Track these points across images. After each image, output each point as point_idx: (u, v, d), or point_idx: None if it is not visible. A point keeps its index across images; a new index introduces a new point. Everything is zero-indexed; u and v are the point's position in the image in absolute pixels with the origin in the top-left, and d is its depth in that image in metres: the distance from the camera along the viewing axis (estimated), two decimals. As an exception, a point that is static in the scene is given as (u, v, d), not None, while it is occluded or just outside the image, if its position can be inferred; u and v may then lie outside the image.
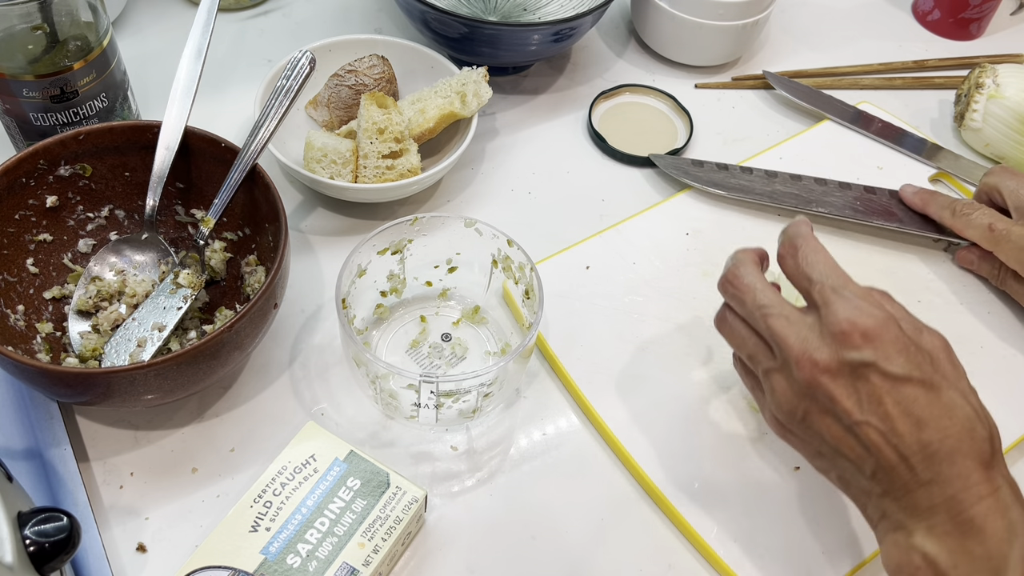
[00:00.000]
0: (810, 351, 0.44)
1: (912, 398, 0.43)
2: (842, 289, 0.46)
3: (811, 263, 0.48)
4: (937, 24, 0.93)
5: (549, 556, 0.55)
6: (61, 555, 0.44)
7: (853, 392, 0.44)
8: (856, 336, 0.44)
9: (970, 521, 0.42)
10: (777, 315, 0.47)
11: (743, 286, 0.49)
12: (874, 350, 0.43)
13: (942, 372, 0.45)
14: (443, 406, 0.56)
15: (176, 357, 0.50)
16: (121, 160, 0.62)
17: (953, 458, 0.43)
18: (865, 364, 0.43)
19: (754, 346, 0.49)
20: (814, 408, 0.45)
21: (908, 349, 0.44)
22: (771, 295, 0.48)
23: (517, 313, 0.64)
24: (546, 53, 0.81)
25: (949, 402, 0.44)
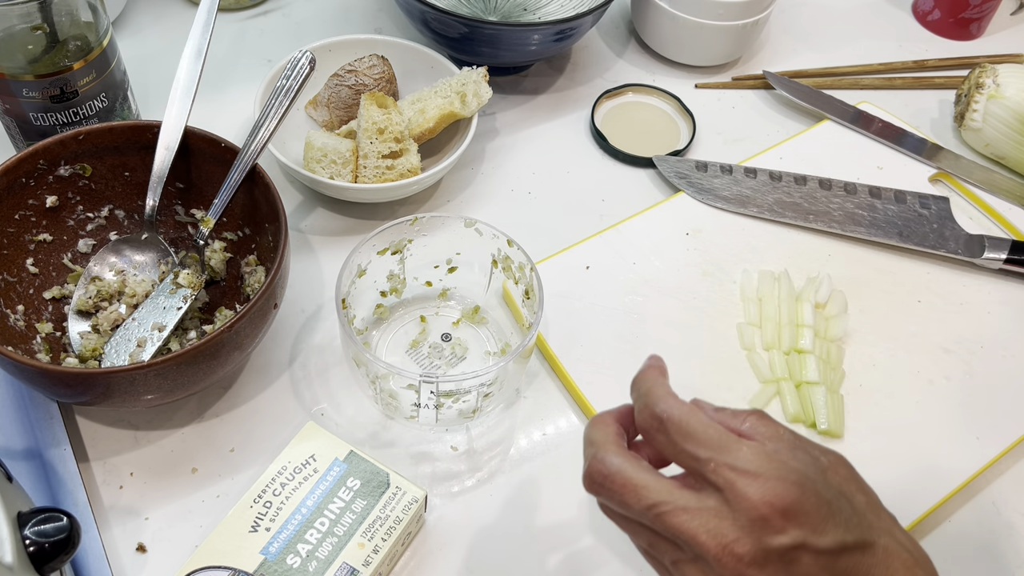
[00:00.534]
0: (730, 545, 0.37)
1: (852, 567, 0.38)
2: (738, 460, 0.38)
3: (690, 436, 0.39)
4: (937, 24, 0.93)
5: (549, 556, 0.55)
6: (61, 555, 0.44)
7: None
8: (777, 518, 0.37)
9: None
10: (674, 511, 0.38)
11: (619, 486, 0.39)
12: (800, 528, 0.37)
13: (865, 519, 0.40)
14: (443, 406, 0.56)
15: (176, 357, 0.50)
16: (121, 160, 0.62)
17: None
18: (795, 546, 0.37)
19: (652, 538, 0.41)
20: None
21: (834, 512, 0.38)
22: (657, 488, 0.39)
23: (517, 313, 0.64)
24: (546, 53, 0.81)
25: (885, 555, 0.39)
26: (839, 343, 0.65)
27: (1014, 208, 0.76)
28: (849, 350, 0.65)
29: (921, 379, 0.64)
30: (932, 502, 0.58)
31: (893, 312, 0.68)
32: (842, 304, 0.67)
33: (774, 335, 0.65)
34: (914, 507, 0.57)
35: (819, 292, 0.67)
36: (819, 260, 0.71)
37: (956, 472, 0.59)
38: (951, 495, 0.58)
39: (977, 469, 0.59)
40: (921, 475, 0.59)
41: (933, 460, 0.60)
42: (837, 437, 0.60)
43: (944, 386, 0.64)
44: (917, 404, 0.63)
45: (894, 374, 0.64)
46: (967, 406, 0.63)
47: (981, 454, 0.60)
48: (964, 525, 0.59)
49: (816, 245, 0.72)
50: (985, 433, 0.61)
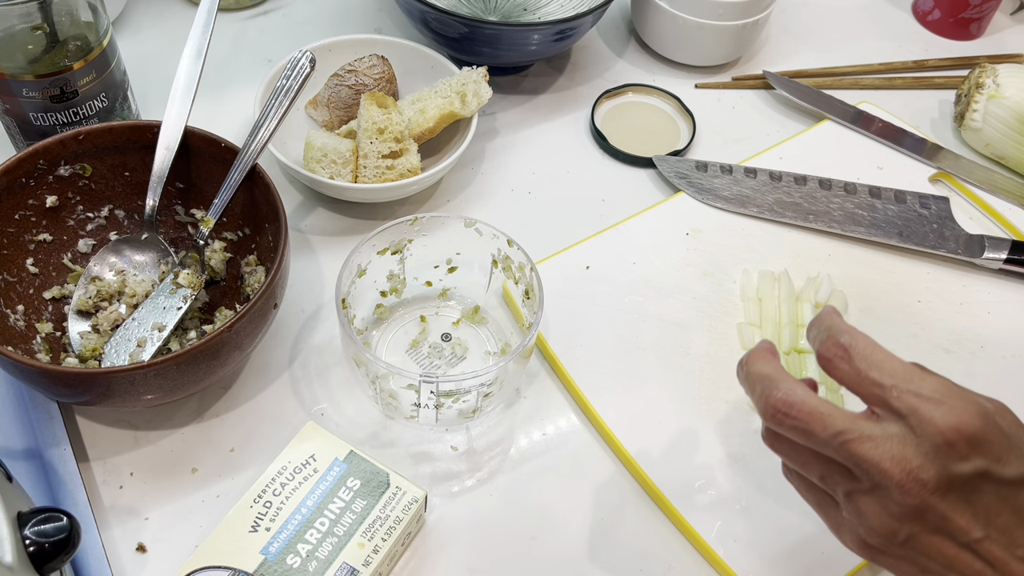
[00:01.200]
0: (915, 471, 0.38)
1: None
2: (922, 388, 0.39)
3: (875, 364, 0.40)
4: (937, 24, 0.93)
5: (549, 556, 0.55)
6: (61, 555, 0.44)
7: (968, 507, 0.38)
8: (963, 445, 0.37)
9: None
10: (859, 438, 0.39)
11: (805, 415, 0.40)
12: (984, 456, 0.38)
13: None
14: (443, 406, 0.56)
15: (176, 357, 0.50)
16: (121, 160, 0.62)
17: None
18: (978, 474, 0.38)
19: (825, 469, 0.41)
20: (921, 529, 0.39)
21: (1012, 443, 0.38)
22: (841, 416, 0.39)
23: (517, 313, 0.64)
24: (546, 53, 0.81)
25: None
26: (839, 343, 0.65)
27: (1014, 208, 0.76)
28: (849, 350, 0.65)
29: (921, 379, 0.64)
30: (932, 502, 0.58)
31: (893, 312, 0.68)
32: (842, 304, 0.67)
33: (774, 335, 0.65)
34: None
35: (819, 292, 0.67)
36: (819, 260, 0.71)
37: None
38: (951, 495, 0.58)
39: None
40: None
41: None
42: (837, 437, 0.60)
43: (944, 386, 0.64)
44: (917, 404, 0.63)
45: (894, 374, 0.64)
46: (967, 406, 0.63)
47: (981, 454, 0.60)
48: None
49: (816, 245, 0.72)
50: (985, 433, 0.61)
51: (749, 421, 0.61)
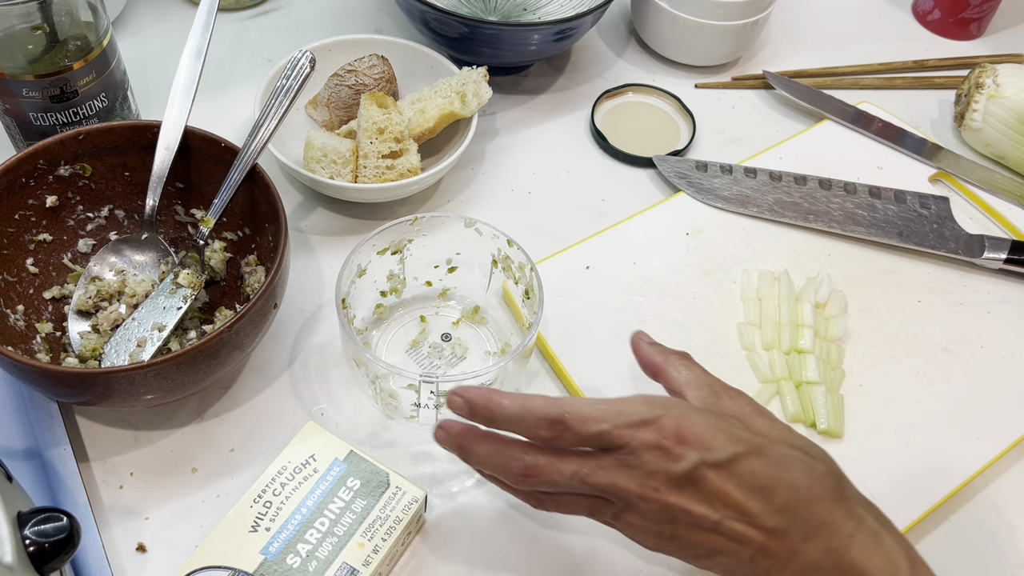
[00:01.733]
0: (647, 483, 0.43)
1: (749, 473, 0.43)
2: (632, 418, 0.44)
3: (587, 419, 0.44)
4: (937, 24, 0.93)
5: (549, 556, 0.55)
6: (61, 555, 0.44)
7: (700, 497, 0.43)
8: (673, 447, 0.43)
9: (851, 566, 0.42)
10: (592, 471, 0.44)
11: (542, 471, 0.45)
12: (694, 449, 0.43)
13: (757, 430, 0.45)
14: (443, 406, 0.56)
15: (176, 357, 0.50)
16: (121, 160, 0.62)
17: (811, 508, 0.43)
18: (694, 467, 0.43)
19: (591, 506, 0.46)
20: (677, 526, 0.45)
21: (720, 428, 0.44)
22: (574, 461, 0.44)
23: (517, 313, 0.64)
24: (546, 53, 0.81)
25: (780, 457, 0.44)
26: (839, 343, 0.65)
27: (1014, 208, 0.76)
28: (849, 350, 0.65)
29: (921, 379, 0.64)
30: (932, 502, 0.58)
31: (893, 312, 0.68)
32: (842, 304, 0.67)
33: (774, 335, 0.65)
34: (914, 507, 0.57)
35: (819, 292, 0.67)
36: (819, 260, 0.71)
37: (956, 472, 0.59)
38: (951, 495, 0.58)
39: (977, 469, 0.59)
40: (921, 475, 0.59)
41: (933, 460, 0.60)
42: (837, 437, 0.60)
43: (944, 386, 0.64)
44: (917, 404, 0.63)
45: (894, 374, 0.64)
46: (967, 406, 0.63)
47: (981, 454, 0.60)
48: (964, 525, 0.59)
49: (816, 245, 0.72)
50: (985, 433, 0.61)
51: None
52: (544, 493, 0.47)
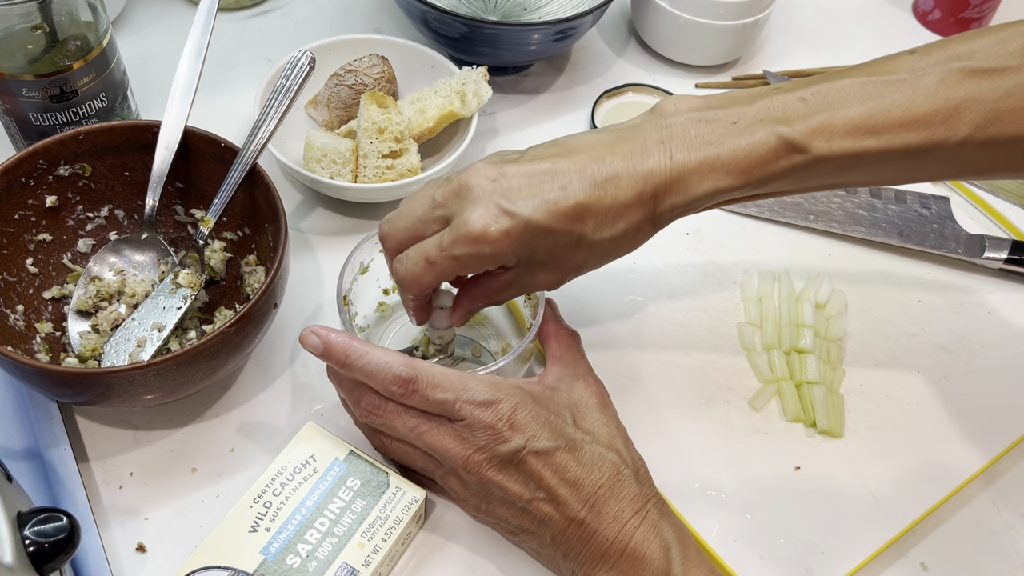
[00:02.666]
0: (472, 455, 0.49)
1: (564, 465, 0.49)
2: (478, 396, 0.49)
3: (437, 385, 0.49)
4: (937, 24, 0.93)
5: (549, 556, 0.55)
6: (61, 555, 0.44)
7: (518, 476, 0.49)
8: (504, 430, 0.48)
9: (633, 552, 0.48)
10: (429, 431, 0.50)
11: (388, 414, 0.50)
12: (521, 435, 0.48)
13: (585, 427, 0.51)
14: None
15: (176, 357, 0.50)
16: (121, 160, 0.62)
17: (608, 504, 0.49)
18: (518, 450, 0.48)
19: (423, 461, 0.52)
20: (493, 499, 0.50)
21: (547, 422, 0.49)
22: (416, 417, 0.50)
23: (518, 313, 0.64)
24: (546, 53, 0.81)
25: (593, 457, 0.49)
26: (839, 343, 0.65)
27: (1014, 208, 0.76)
28: (849, 350, 0.65)
29: (921, 379, 0.64)
30: (932, 502, 0.58)
31: (893, 312, 0.68)
32: (842, 304, 0.67)
33: (774, 335, 0.65)
34: (914, 507, 0.57)
35: (819, 292, 0.67)
36: (819, 260, 0.71)
37: (956, 472, 0.59)
38: (951, 495, 0.58)
39: (977, 469, 0.59)
40: (921, 475, 0.59)
41: (933, 460, 0.60)
42: (837, 436, 0.60)
43: (944, 386, 0.64)
44: (917, 404, 0.63)
45: (894, 374, 0.64)
46: (967, 406, 0.63)
47: (981, 454, 0.60)
48: (964, 525, 0.59)
49: (816, 245, 0.72)
50: (985, 433, 0.61)
51: (749, 421, 0.61)
52: (386, 436, 0.53)
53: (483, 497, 0.51)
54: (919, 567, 0.57)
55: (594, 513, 0.48)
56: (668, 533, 0.49)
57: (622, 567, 0.48)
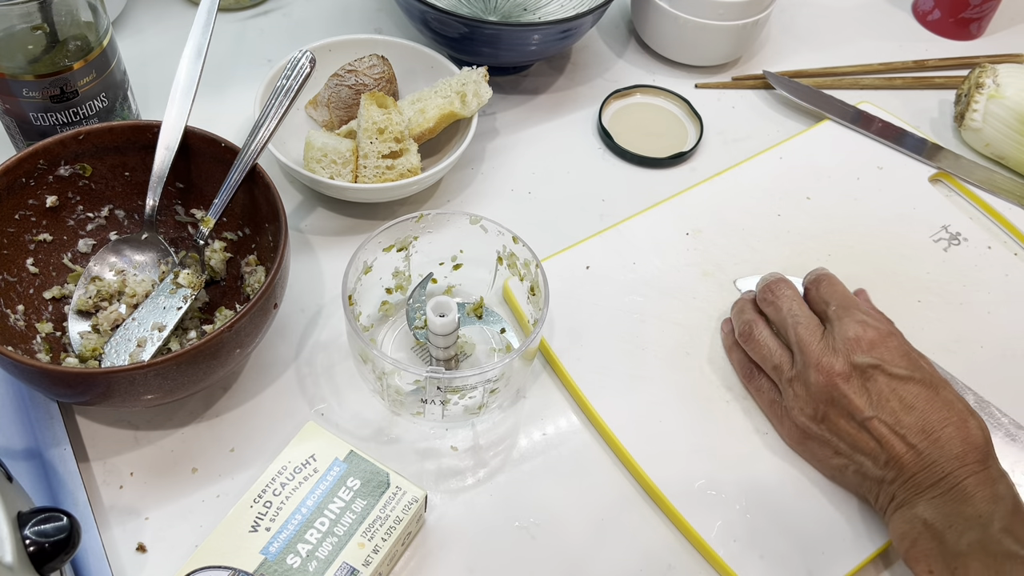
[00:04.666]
0: (826, 357, 0.53)
1: (914, 394, 0.51)
2: (852, 309, 0.55)
3: (829, 293, 0.58)
4: (937, 24, 0.93)
5: (549, 556, 0.55)
6: (61, 555, 0.44)
7: (863, 392, 0.52)
8: (864, 343, 0.52)
9: (962, 490, 0.48)
10: (804, 324, 0.55)
11: (781, 294, 0.59)
12: (879, 355, 0.52)
13: (938, 377, 0.53)
14: (449, 402, 0.56)
15: (176, 357, 0.50)
16: (121, 160, 0.62)
17: (952, 442, 0.50)
18: (872, 366, 0.51)
19: (780, 356, 0.57)
20: (832, 410, 0.53)
21: (909, 355, 0.52)
22: (804, 309, 0.57)
23: (518, 312, 0.64)
24: (546, 53, 0.81)
25: (946, 398, 0.51)
26: (839, 343, 0.65)
27: (1014, 208, 0.76)
28: (849, 350, 0.65)
29: (921, 379, 0.64)
30: (932, 502, 0.58)
31: (893, 312, 0.68)
32: (842, 304, 0.67)
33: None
34: (914, 507, 0.57)
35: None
36: (819, 260, 0.71)
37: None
38: (951, 495, 0.58)
39: (977, 469, 0.59)
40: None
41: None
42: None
43: (944, 386, 0.64)
44: (917, 404, 0.63)
45: (894, 374, 0.64)
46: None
47: (981, 454, 0.60)
48: (964, 525, 0.59)
49: (816, 245, 0.72)
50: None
51: (750, 421, 0.61)
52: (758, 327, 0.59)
53: (824, 402, 0.53)
54: (919, 567, 0.57)
55: (936, 446, 0.50)
56: (1005, 490, 0.49)
57: (947, 498, 0.48)
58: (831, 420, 0.53)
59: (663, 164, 0.78)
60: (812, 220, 0.73)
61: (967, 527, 0.47)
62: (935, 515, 0.48)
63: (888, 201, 0.76)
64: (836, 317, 0.55)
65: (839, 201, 0.75)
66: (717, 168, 0.78)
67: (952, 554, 0.47)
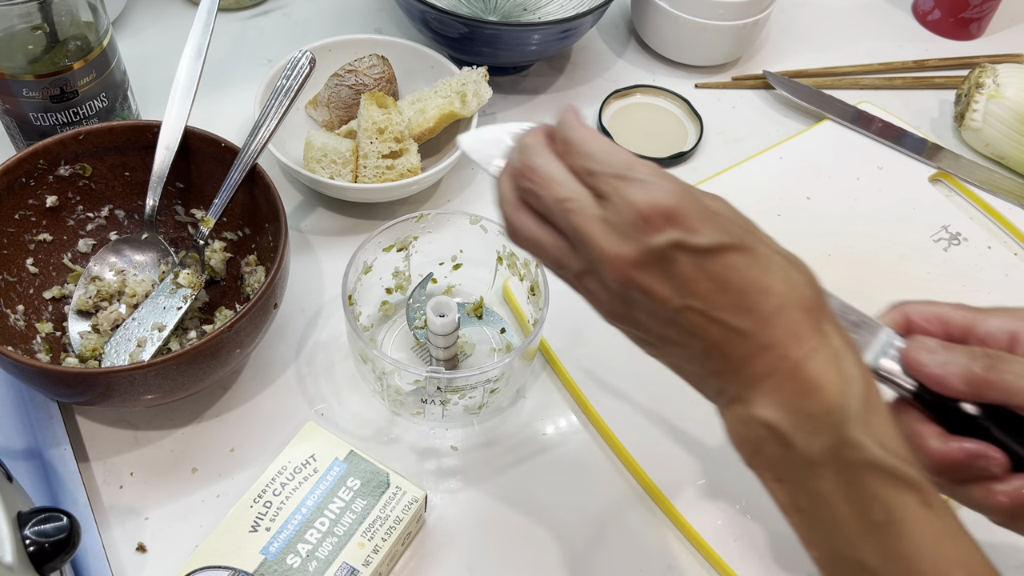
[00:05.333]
0: (615, 247, 0.40)
1: (728, 266, 0.40)
2: (628, 171, 0.40)
3: (588, 154, 0.41)
4: (937, 24, 0.93)
5: (549, 556, 0.55)
6: (61, 555, 0.44)
7: (667, 279, 0.40)
8: (657, 218, 0.39)
9: (806, 380, 0.39)
10: (578, 210, 0.41)
11: (539, 177, 0.42)
12: (678, 228, 0.39)
13: (746, 228, 0.42)
14: (449, 402, 0.56)
15: (176, 357, 0.50)
16: (121, 160, 0.62)
17: (781, 314, 0.40)
18: (672, 245, 0.39)
19: (556, 251, 0.43)
20: (633, 304, 0.42)
21: (712, 216, 0.40)
22: (575, 189, 0.42)
23: (518, 312, 0.64)
24: (546, 53, 0.81)
25: (765, 258, 0.41)
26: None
27: (1014, 208, 0.76)
28: (849, 350, 0.65)
29: (921, 379, 0.64)
30: (932, 502, 0.58)
31: (893, 312, 0.68)
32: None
33: (774, 335, 0.65)
34: (914, 507, 0.57)
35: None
36: (819, 260, 0.71)
37: (956, 472, 0.59)
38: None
39: (977, 469, 0.59)
40: (921, 475, 0.59)
41: (933, 460, 0.60)
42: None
43: (944, 386, 0.64)
44: (917, 404, 0.63)
45: (894, 374, 0.64)
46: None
47: (981, 454, 0.60)
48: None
49: (816, 245, 0.72)
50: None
51: (749, 421, 0.61)
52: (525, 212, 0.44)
53: (623, 301, 0.42)
54: (919, 567, 0.56)
55: (762, 325, 0.40)
56: (851, 368, 0.40)
57: (788, 392, 0.39)
58: (634, 315, 0.42)
59: (663, 164, 0.78)
60: (812, 220, 0.73)
61: (817, 428, 0.39)
62: (777, 416, 0.40)
63: (888, 201, 0.76)
64: (612, 189, 0.40)
65: (839, 201, 0.75)
66: (717, 168, 0.78)
67: (804, 463, 0.39)
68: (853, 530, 0.38)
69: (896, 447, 0.39)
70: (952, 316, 0.46)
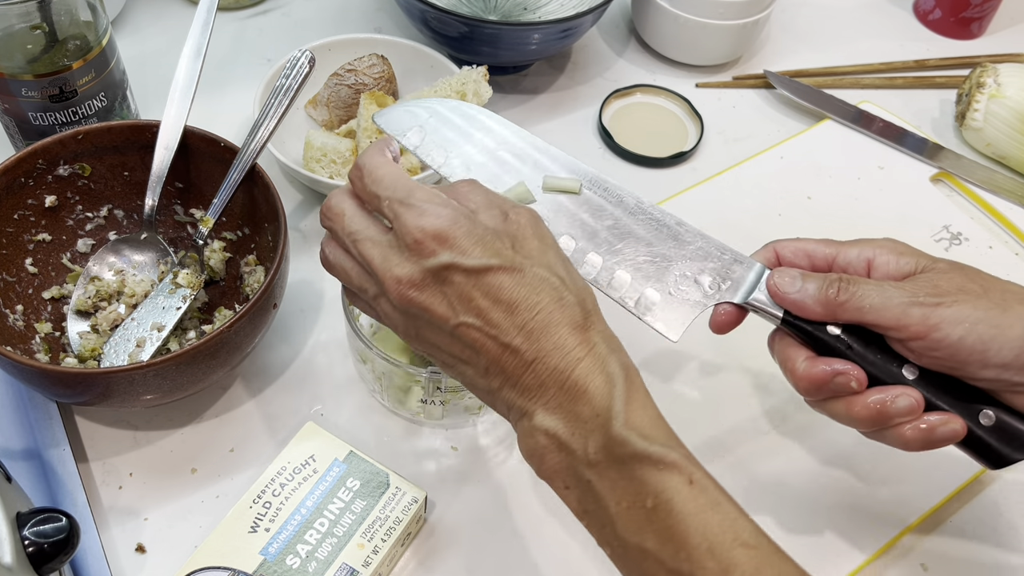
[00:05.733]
0: (392, 270, 0.44)
1: (497, 286, 0.43)
2: (408, 198, 0.44)
3: (376, 180, 0.46)
4: (938, 23, 0.93)
5: (549, 556, 0.55)
6: (60, 556, 0.44)
7: (443, 298, 0.43)
8: (429, 242, 0.43)
9: (574, 386, 0.42)
10: (364, 239, 0.45)
11: (334, 213, 0.47)
12: (449, 250, 0.43)
13: (524, 252, 0.45)
14: (449, 402, 0.56)
15: (175, 357, 0.50)
16: (120, 160, 0.62)
17: (548, 331, 0.43)
18: (444, 267, 0.43)
19: (358, 277, 0.47)
20: (419, 323, 0.45)
21: (484, 239, 0.43)
22: (361, 221, 0.46)
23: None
24: (546, 52, 0.81)
25: (534, 279, 0.44)
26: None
27: (1015, 208, 0.76)
28: (850, 350, 0.65)
29: (922, 379, 0.64)
30: (933, 502, 0.58)
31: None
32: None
33: (775, 335, 0.65)
34: (915, 507, 0.57)
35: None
36: (820, 260, 0.71)
37: (957, 472, 0.59)
38: (952, 495, 0.58)
39: (979, 469, 0.59)
40: (922, 475, 0.59)
41: (934, 460, 0.60)
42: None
43: (945, 386, 0.64)
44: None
45: (895, 374, 0.64)
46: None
47: (982, 454, 0.60)
48: (964, 525, 0.59)
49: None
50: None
51: (750, 422, 0.61)
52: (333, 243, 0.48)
53: (410, 321, 0.45)
54: (919, 568, 0.56)
55: (531, 340, 0.43)
56: (615, 369, 0.43)
57: (560, 400, 0.43)
58: (423, 335, 0.45)
59: (663, 164, 0.78)
60: (813, 220, 0.73)
61: (589, 430, 0.42)
62: (554, 423, 0.42)
63: (889, 201, 0.76)
64: (394, 215, 0.44)
65: (840, 201, 0.75)
66: (717, 168, 0.78)
67: (584, 465, 0.42)
68: (632, 520, 0.41)
69: (656, 434, 0.42)
70: (816, 250, 0.50)
